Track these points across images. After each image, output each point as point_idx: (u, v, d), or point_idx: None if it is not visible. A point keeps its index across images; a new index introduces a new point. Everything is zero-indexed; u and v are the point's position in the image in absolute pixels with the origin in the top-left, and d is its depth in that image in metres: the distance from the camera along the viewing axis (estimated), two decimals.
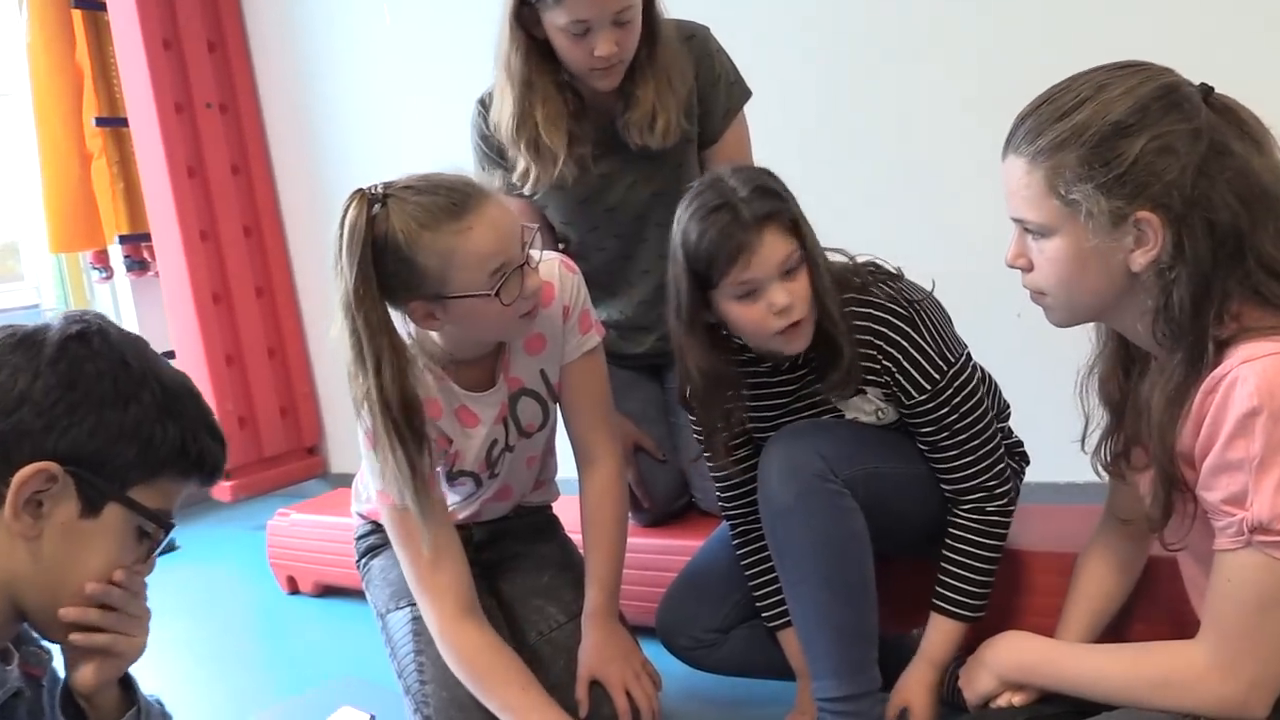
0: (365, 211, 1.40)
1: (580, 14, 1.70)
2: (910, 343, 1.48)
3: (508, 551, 1.79)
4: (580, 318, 1.66)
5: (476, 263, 1.42)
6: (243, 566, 3.06)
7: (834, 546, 1.47)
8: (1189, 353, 1.10)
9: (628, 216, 1.96)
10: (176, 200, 3.37)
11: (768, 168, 1.50)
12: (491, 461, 1.66)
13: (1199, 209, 1.08)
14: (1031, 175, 1.14)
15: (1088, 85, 1.13)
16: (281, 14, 3.55)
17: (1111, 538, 1.46)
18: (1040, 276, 1.19)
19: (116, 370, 1.00)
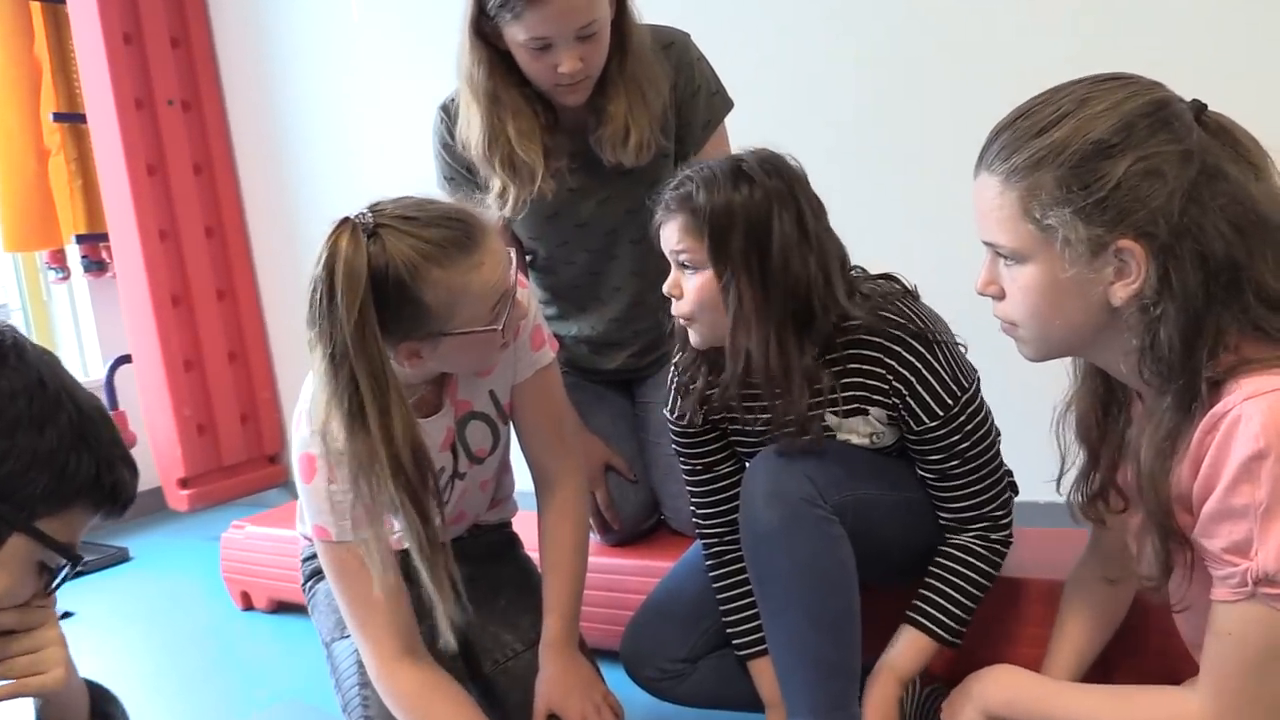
0: (361, 246, 1.24)
1: (539, 31, 1.61)
2: (925, 365, 1.40)
3: (462, 574, 1.69)
4: (531, 334, 1.57)
5: (484, 298, 1.33)
6: (197, 579, 2.94)
7: (818, 575, 1.39)
8: (1179, 397, 1.01)
9: (599, 233, 1.87)
10: (135, 199, 3.27)
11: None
12: (438, 490, 1.56)
13: (1188, 239, 0.99)
14: (1004, 196, 1.04)
15: (1069, 99, 1.03)
16: (247, 9, 3.46)
17: (1099, 566, 1.38)
18: (1012, 306, 1.10)
19: (33, 391, 0.93)
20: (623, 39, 1.70)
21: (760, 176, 1.39)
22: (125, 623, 2.73)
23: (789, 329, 1.38)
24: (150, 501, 3.48)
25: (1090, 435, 1.21)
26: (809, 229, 1.39)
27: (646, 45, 1.74)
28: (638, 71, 1.71)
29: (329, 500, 1.39)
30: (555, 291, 1.99)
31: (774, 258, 1.36)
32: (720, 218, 1.36)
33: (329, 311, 1.24)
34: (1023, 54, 2.23)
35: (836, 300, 1.40)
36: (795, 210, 1.39)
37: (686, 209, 1.38)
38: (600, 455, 1.97)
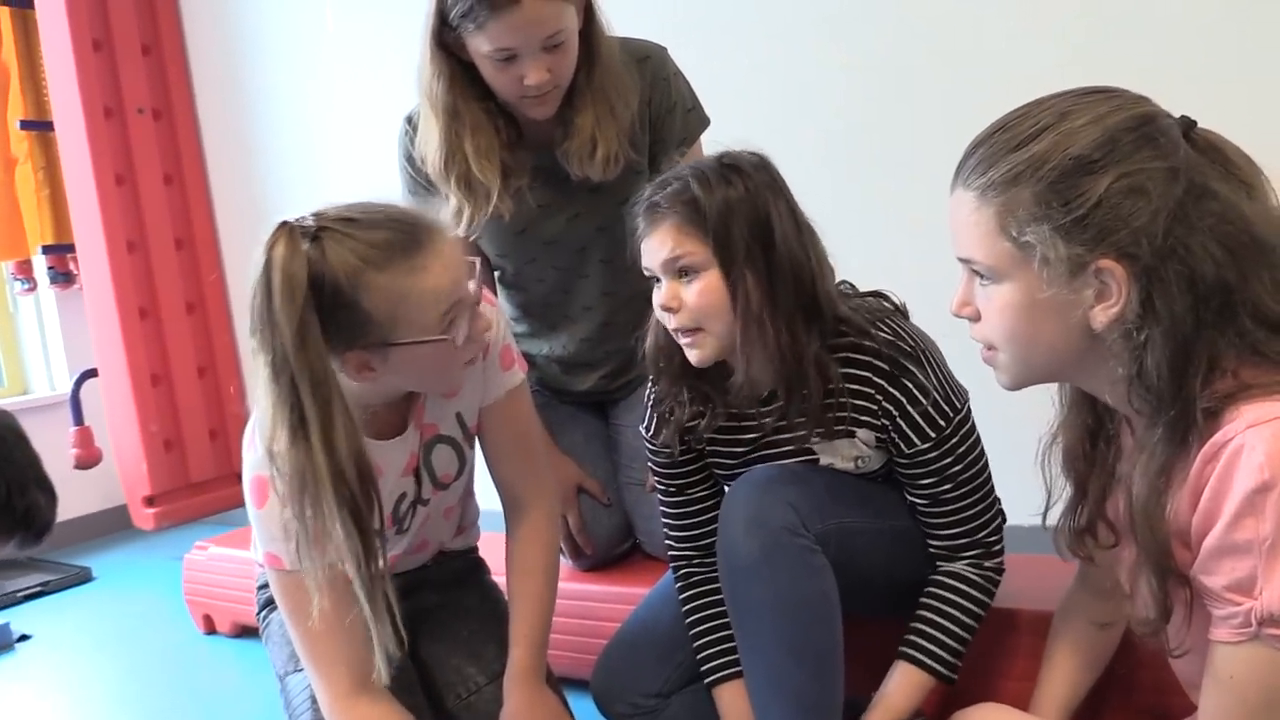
0: (298, 251, 1.19)
1: (504, 42, 1.55)
2: (917, 386, 1.35)
3: (425, 602, 1.62)
4: (500, 353, 1.50)
5: (430, 305, 1.25)
6: (161, 601, 2.87)
7: (799, 607, 1.33)
8: (1171, 428, 0.95)
9: (568, 250, 1.81)
10: (103, 209, 3.18)
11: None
12: (399, 517, 1.49)
13: (1174, 260, 0.94)
14: (981, 212, 1.00)
15: (1049, 112, 0.98)
16: (221, 16, 3.40)
17: (1087, 600, 1.33)
18: (989, 328, 1.05)
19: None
20: (591, 49, 1.65)
21: (747, 168, 1.35)
22: (85, 646, 2.65)
23: (798, 322, 1.33)
24: (115, 520, 3.40)
25: (1077, 467, 1.16)
26: (800, 218, 1.36)
27: (616, 56, 1.68)
28: (606, 83, 1.66)
29: (282, 526, 1.29)
30: (525, 309, 1.92)
31: (778, 249, 1.32)
32: (722, 212, 1.31)
33: (269, 318, 1.18)
34: (1013, 60, 2.20)
35: (832, 292, 1.37)
36: (786, 200, 1.35)
37: (681, 208, 1.32)
38: (573, 477, 1.91)
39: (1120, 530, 1.12)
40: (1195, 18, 2.06)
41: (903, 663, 1.41)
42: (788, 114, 2.45)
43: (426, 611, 1.61)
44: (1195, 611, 0.98)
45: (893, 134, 2.37)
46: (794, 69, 2.47)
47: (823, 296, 1.34)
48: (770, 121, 2.41)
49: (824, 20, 2.42)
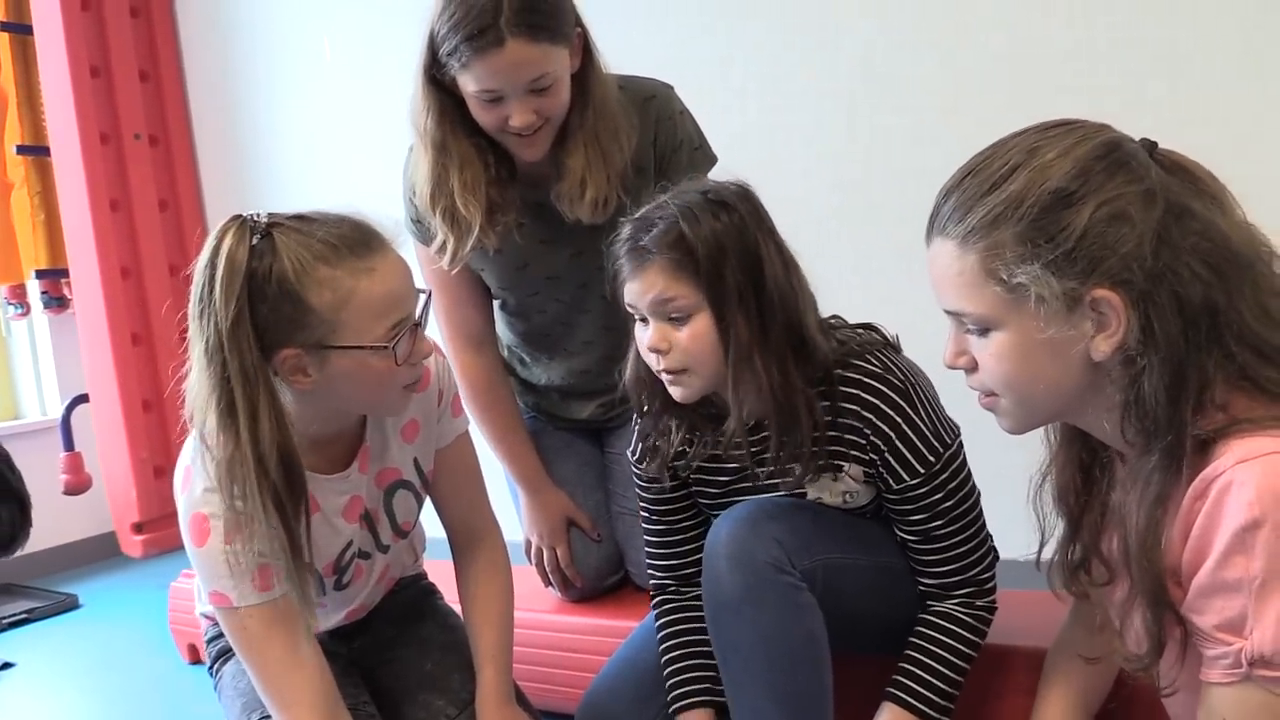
0: (245, 240, 1.21)
1: (487, 83, 1.54)
2: (906, 420, 1.33)
3: (381, 636, 1.59)
4: (452, 401, 1.51)
5: (375, 310, 1.24)
6: (148, 629, 2.82)
7: (785, 648, 1.30)
8: (1165, 455, 0.94)
9: (570, 285, 1.80)
10: (97, 234, 3.22)
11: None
12: (340, 567, 1.44)
13: (1165, 283, 0.93)
14: (964, 260, 0.98)
15: (1016, 150, 0.98)
16: (219, 44, 3.44)
17: (1081, 635, 1.30)
18: (987, 376, 1.03)
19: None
20: (586, 91, 1.63)
21: (733, 201, 1.32)
22: (70, 674, 2.61)
23: (789, 361, 1.31)
24: (103, 547, 3.38)
25: (1070, 503, 1.15)
26: (786, 254, 1.34)
27: (612, 98, 1.66)
28: (600, 126, 1.64)
29: (226, 563, 1.28)
30: (525, 337, 1.91)
31: (768, 288, 1.29)
32: (713, 251, 1.27)
33: (209, 303, 1.21)
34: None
35: (821, 326, 1.35)
36: (773, 235, 1.33)
37: (670, 250, 1.28)
38: (563, 510, 1.89)
39: (1113, 567, 1.10)
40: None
41: (890, 705, 1.38)
42: (786, 140, 2.46)
43: (384, 644, 1.59)
44: (1188, 650, 0.97)
45: (890, 160, 2.38)
46: (794, 101, 2.48)
47: (810, 332, 1.32)
48: (770, 145, 2.43)
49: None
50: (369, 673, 1.57)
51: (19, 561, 3.23)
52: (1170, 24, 2.09)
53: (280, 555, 1.26)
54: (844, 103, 2.43)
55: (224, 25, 3.41)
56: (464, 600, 1.54)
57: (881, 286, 2.17)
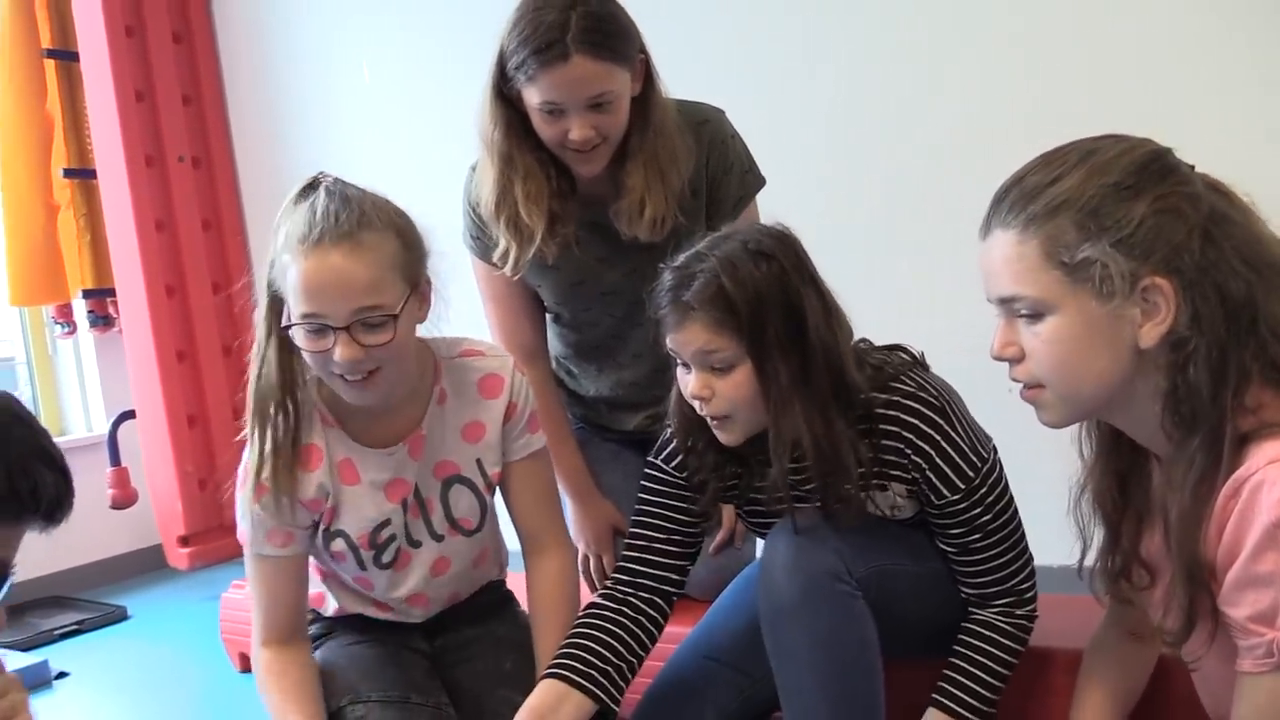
0: (291, 201, 1.40)
1: (550, 96, 1.61)
2: (944, 438, 1.36)
3: (461, 637, 1.67)
4: (529, 419, 1.59)
5: (296, 293, 1.35)
6: (196, 639, 2.88)
7: (840, 653, 1.35)
8: (1208, 437, 1.00)
9: (624, 301, 1.85)
10: (143, 254, 3.29)
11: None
12: (376, 544, 1.54)
13: (1210, 275, 1.00)
14: (1024, 246, 1.04)
15: (1074, 152, 1.05)
16: (259, 68, 3.51)
17: (1118, 635, 1.36)
18: (1035, 364, 1.08)
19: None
20: (647, 114, 1.70)
21: (774, 249, 1.33)
22: (123, 683, 2.68)
23: (831, 406, 1.34)
24: (150, 559, 3.46)
25: (1108, 511, 1.19)
26: (827, 299, 1.36)
27: (671, 122, 1.73)
28: (659, 147, 1.70)
29: (250, 515, 1.49)
30: (577, 349, 1.97)
31: (809, 337, 1.31)
32: (755, 307, 1.29)
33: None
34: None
35: (857, 359, 1.37)
36: (813, 281, 1.35)
37: (711, 304, 1.30)
38: (609, 519, 1.94)
39: (1153, 569, 1.15)
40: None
41: (935, 710, 1.42)
42: (822, 153, 2.52)
43: (463, 644, 1.67)
44: (1219, 631, 1.02)
45: (920, 174, 2.45)
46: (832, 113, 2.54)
47: (850, 373, 1.35)
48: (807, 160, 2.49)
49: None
50: (448, 670, 1.63)
51: (68, 574, 3.32)
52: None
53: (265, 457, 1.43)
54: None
55: (263, 50, 3.49)
56: (530, 605, 1.61)
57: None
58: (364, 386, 1.40)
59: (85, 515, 1.95)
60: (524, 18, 1.61)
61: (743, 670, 1.55)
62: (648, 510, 1.54)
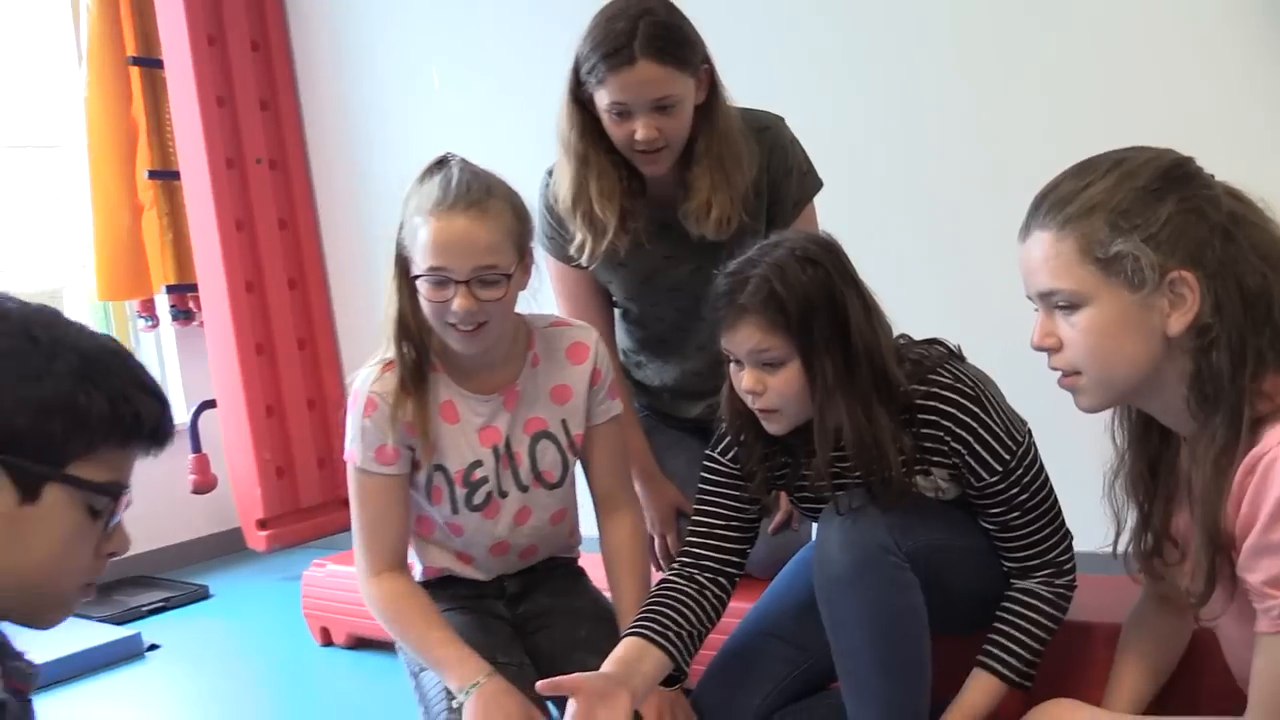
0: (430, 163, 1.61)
1: (618, 96, 1.74)
2: (981, 424, 1.46)
3: (541, 606, 1.82)
4: (610, 386, 1.77)
5: (423, 250, 1.54)
6: (275, 617, 3.06)
7: (890, 621, 1.45)
8: (1228, 415, 1.10)
9: (690, 296, 1.95)
10: (224, 252, 3.44)
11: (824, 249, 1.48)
12: (469, 482, 1.69)
13: (1230, 269, 1.10)
14: (1061, 244, 1.14)
15: (1105, 160, 1.16)
16: (333, 73, 3.65)
17: (1154, 610, 1.45)
18: (1072, 353, 1.17)
19: (23, 346, 0.94)
20: (712, 120, 1.82)
21: (819, 255, 1.44)
22: (208, 656, 2.85)
23: (873, 399, 1.44)
24: (230, 541, 3.62)
25: (1140, 495, 1.29)
26: (868, 300, 1.47)
27: (735, 128, 1.84)
28: (724, 151, 1.82)
29: (361, 430, 1.65)
30: (643, 343, 2.10)
31: (853, 336, 1.42)
32: (803, 308, 1.40)
33: None
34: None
35: (893, 359, 1.47)
36: (855, 285, 1.46)
37: (765, 307, 1.41)
38: (672, 500, 2.05)
39: (1183, 547, 1.24)
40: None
41: (979, 670, 1.52)
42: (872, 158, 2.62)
43: (542, 613, 1.81)
44: (1237, 596, 1.12)
45: (969, 180, 2.54)
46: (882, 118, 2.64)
47: (891, 369, 1.45)
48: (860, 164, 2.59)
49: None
50: (528, 637, 1.78)
51: (152, 555, 3.50)
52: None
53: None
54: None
55: (337, 56, 3.63)
56: (606, 558, 1.77)
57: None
58: (472, 336, 1.58)
59: (168, 499, 2.05)
60: (597, 27, 1.75)
61: (799, 645, 1.65)
62: (707, 498, 1.66)
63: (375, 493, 1.67)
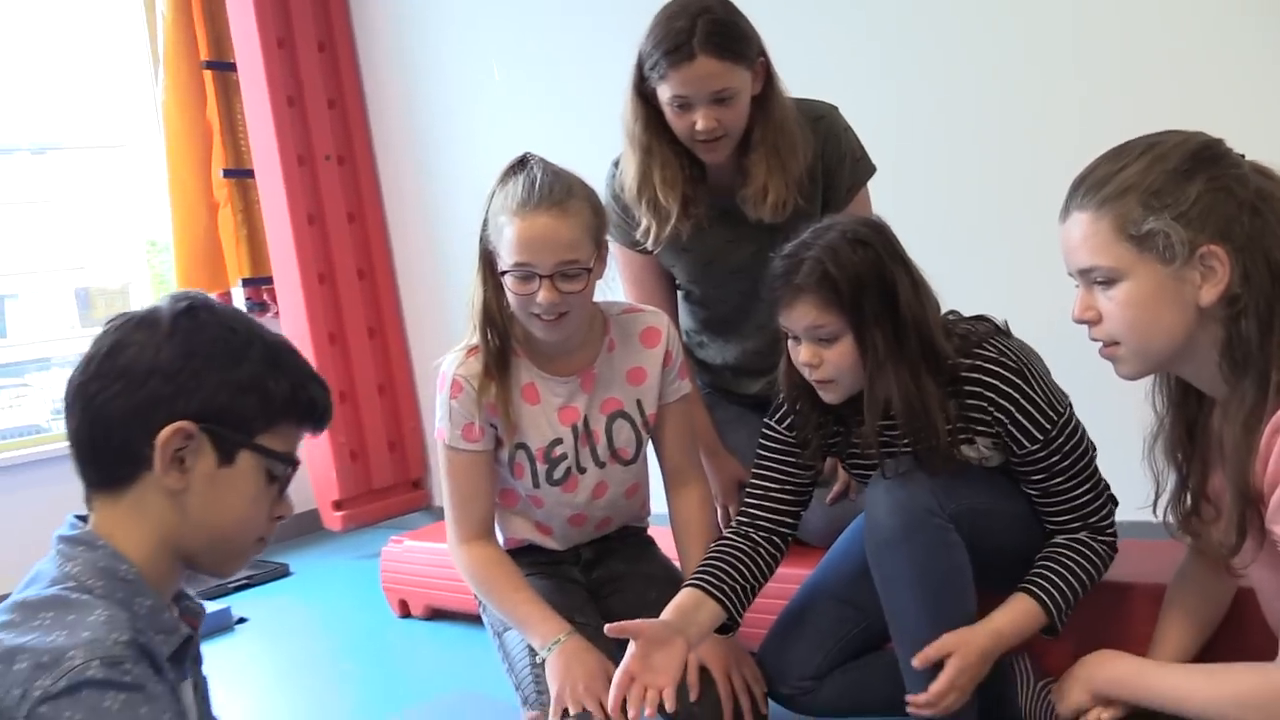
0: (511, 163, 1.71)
1: (679, 90, 1.84)
2: (1023, 395, 1.52)
3: (614, 571, 1.94)
4: (680, 367, 1.88)
5: (510, 246, 1.64)
6: (354, 592, 3.20)
7: (936, 579, 1.53)
8: (1257, 379, 1.18)
9: (751, 279, 2.02)
10: (297, 246, 3.59)
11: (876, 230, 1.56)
12: (550, 459, 1.81)
13: (1258, 242, 1.17)
14: (1098, 223, 1.22)
15: (1138, 144, 1.24)
16: (397, 72, 3.77)
17: (1199, 568, 1.52)
18: (1111, 324, 1.26)
19: (225, 335, 1.11)
20: (768, 110, 1.91)
21: (869, 236, 1.54)
22: (293, 627, 3.00)
23: (921, 369, 1.53)
24: (307, 521, 3.76)
25: (1179, 458, 1.37)
26: (915, 276, 1.55)
27: (790, 117, 1.94)
28: (779, 140, 1.92)
29: (449, 411, 1.78)
30: (706, 323, 2.20)
31: (901, 310, 1.51)
32: (855, 287, 1.49)
33: None
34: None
35: (941, 333, 1.55)
36: (903, 262, 1.55)
37: (820, 286, 1.50)
38: (735, 473, 2.14)
39: (1219, 505, 1.32)
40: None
41: (1019, 594, 1.56)
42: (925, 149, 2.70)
43: (615, 578, 1.93)
44: (1266, 545, 1.20)
45: (1007, 174, 2.62)
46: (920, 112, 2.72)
47: (939, 341, 1.54)
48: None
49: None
50: (602, 601, 1.90)
51: None
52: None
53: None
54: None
55: (401, 55, 3.75)
56: (675, 527, 1.88)
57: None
58: (555, 325, 1.70)
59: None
60: (659, 25, 1.86)
61: (856, 605, 1.73)
62: (764, 463, 1.76)
63: (463, 468, 1.79)
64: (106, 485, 1.10)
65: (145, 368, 1.07)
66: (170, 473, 1.07)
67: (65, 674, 0.92)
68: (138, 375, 1.07)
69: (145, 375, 1.07)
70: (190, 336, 1.09)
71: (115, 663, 0.95)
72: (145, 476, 1.08)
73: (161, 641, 1.05)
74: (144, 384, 1.07)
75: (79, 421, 1.09)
